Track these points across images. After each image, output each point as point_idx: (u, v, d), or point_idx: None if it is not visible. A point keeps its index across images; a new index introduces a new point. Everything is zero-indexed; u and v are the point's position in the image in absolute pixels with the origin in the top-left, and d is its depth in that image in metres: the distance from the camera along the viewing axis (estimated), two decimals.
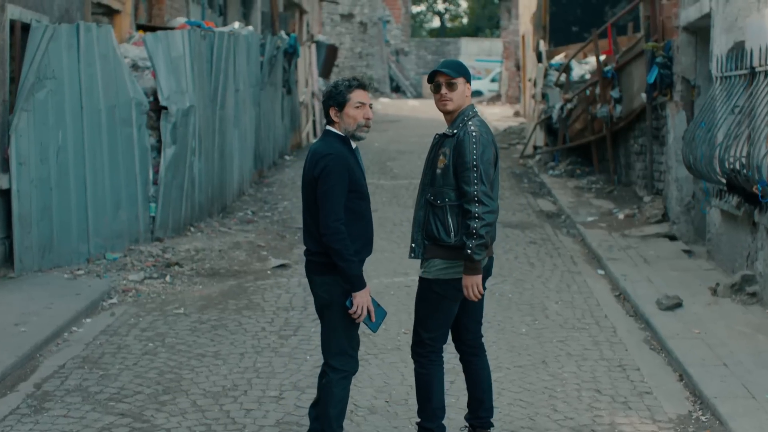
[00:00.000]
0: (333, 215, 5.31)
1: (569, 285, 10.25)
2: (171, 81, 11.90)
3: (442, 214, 5.50)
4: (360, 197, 5.46)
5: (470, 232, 5.34)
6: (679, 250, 11.65)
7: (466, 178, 5.38)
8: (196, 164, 12.75)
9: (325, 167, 5.38)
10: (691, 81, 12.31)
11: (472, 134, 5.43)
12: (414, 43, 56.27)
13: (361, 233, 5.47)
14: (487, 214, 5.36)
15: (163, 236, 11.85)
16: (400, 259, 11.23)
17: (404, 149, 22.54)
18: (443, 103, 5.56)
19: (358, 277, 5.37)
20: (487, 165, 5.42)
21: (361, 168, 5.57)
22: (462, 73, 5.57)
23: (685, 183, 12.44)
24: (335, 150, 5.42)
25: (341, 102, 5.48)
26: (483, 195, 5.37)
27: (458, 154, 5.41)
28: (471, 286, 5.45)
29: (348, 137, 5.51)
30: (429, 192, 5.58)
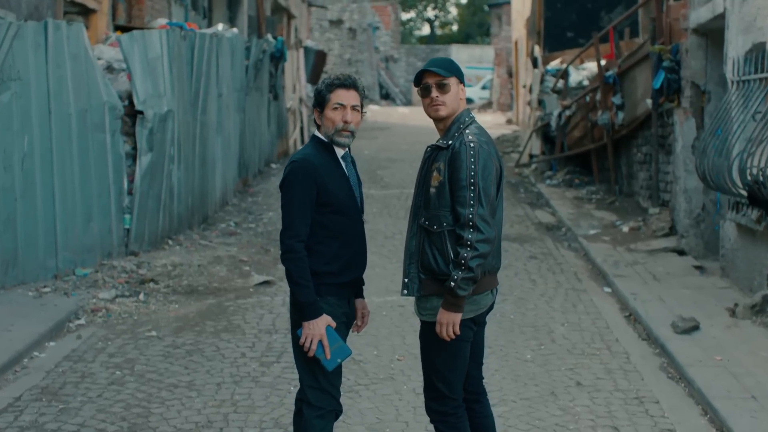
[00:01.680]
0: (289, 231, 4.64)
1: (575, 304, 9.51)
2: (147, 84, 11.13)
3: (440, 242, 4.60)
4: (337, 211, 4.73)
5: (458, 262, 4.46)
6: (689, 266, 10.93)
7: (460, 198, 4.51)
8: (175, 173, 11.98)
9: (285, 176, 4.73)
10: (701, 86, 11.61)
11: (469, 145, 4.54)
12: (404, 49, 55.67)
13: (339, 254, 4.74)
14: (481, 242, 4.46)
15: (139, 250, 11.07)
16: (392, 275, 10.48)
17: (395, 157, 21.79)
18: (434, 108, 4.69)
19: (308, 304, 4.64)
20: (487, 182, 4.54)
21: (346, 178, 4.82)
22: (454, 72, 4.72)
23: (695, 194, 11.73)
24: (303, 156, 4.76)
25: (321, 102, 4.81)
26: (479, 219, 4.47)
27: (453, 169, 4.55)
28: (446, 324, 4.53)
29: (330, 143, 4.81)
30: (422, 216, 4.67)
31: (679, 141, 12.07)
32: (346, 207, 4.76)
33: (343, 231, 4.75)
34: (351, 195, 4.80)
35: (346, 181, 4.80)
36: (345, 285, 4.80)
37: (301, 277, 4.62)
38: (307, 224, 4.66)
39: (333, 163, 4.78)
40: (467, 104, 4.87)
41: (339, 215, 4.73)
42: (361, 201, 4.92)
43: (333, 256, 4.72)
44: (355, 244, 4.82)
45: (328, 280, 4.72)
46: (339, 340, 4.70)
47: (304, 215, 4.64)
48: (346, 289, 4.82)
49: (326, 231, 4.71)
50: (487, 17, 58.16)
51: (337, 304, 4.77)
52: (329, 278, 4.72)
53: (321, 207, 4.69)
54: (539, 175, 19.05)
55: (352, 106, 4.76)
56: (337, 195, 4.72)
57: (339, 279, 4.75)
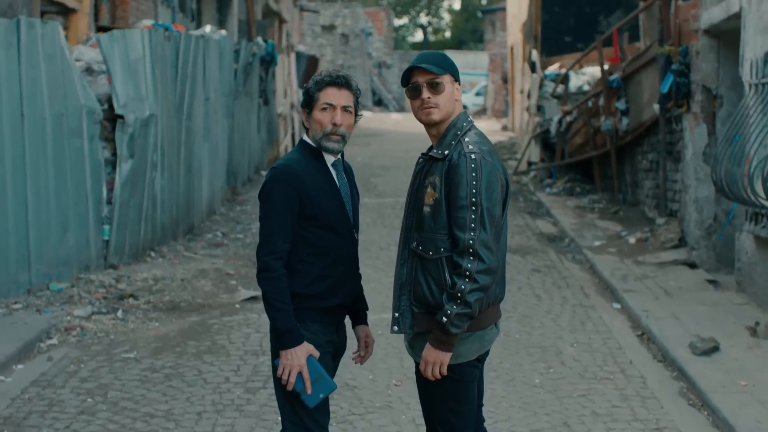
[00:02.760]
0: (266, 246, 4.08)
1: (583, 322, 8.89)
2: (128, 86, 10.49)
3: (435, 271, 3.94)
4: (323, 226, 4.14)
5: (454, 294, 3.81)
6: (702, 281, 10.32)
7: (459, 220, 3.85)
8: (158, 180, 11.34)
9: (264, 184, 4.17)
10: (713, 90, 11.01)
11: (469, 156, 3.89)
12: (397, 55, 55.12)
13: (324, 274, 4.15)
14: (482, 273, 3.81)
15: (119, 263, 10.42)
16: (387, 290, 9.83)
17: (389, 164, 21.18)
18: (426, 111, 4.03)
19: (286, 331, 4.04)
20: (491, 202, 3.87)
21: (335, 188, 4.22)
22: (448, 69, 4.06)
23: (706, 204, 11.13)
24: (285, 162, 4.19)
25: (309, 102, 4.22)
26: (481, 246, 3.82)
27: (451, 185, 3.89)
28: (433, 363, 3.90)
29: (320, 148, 4.22)
30: (415, 239, 4.01)
31: (689, 148, 11.47)
32: (334, 221, 4.18)
33: (331, 248, 4.17)
34: (341, 208, 4.21)
35: (336, 192, 4.21)
36: (331, 310, 4.21)
37: (278, 299, 4.04)
38: (288, 239, 4.09)
39: (321, 171, 4.20)
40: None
41: (326, 230, 4.16)
42: (354, 215, 4.31)
43: (317, 277, 4.15)
44: (345, 264, 4.23)
45: (310, 304, 4.14)
46: (322, 373, 4.08)
47: (285, 229, 4.08)
48: (332, 314, 4.22)
49: (311, 248, 4.14)
50: (481, 23, 57.65)
51: (321, 331, 4.18)
52: (312, 301, 4.14)
53: (305, 220, 4.12)
54: (538, 183, 18.44)
55: (343, 107, 4.17)
56: (325, 207, 4.14)
57: (324, 303, 4.16)
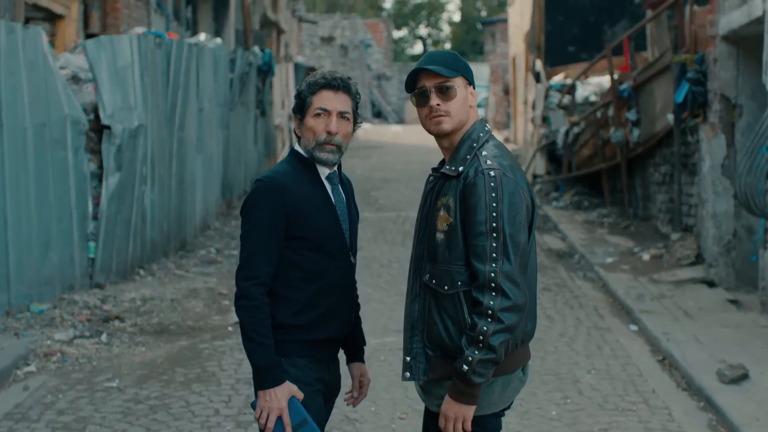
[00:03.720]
0: (245, 270, 3.55)
1: (600, 347, 8.31)
2: (116, 95, 9.93)
3: (452, 308, 3.38)
4: (314, 248, 3.60)
5: (475, 337, 3.24)
6: (723, 300, 9.75)
7: (478, 249, 3.29)
8: (148, 194, 10.78)
9: (246, 199, 3.64)
10: (732, 99, 10.46)
11: (488, 174, 3.32)
12: (396, 67, 54.65)
13: (314, 302, 3.61)
14: (507, 311, 3.24)
15: (105, 282, 9.85)
16: (390, 311, 9.28)
17: (389, 177, 20.60)
18: (435, 120, 3.45)
19: (264, 368, 3.50)
20: (515, 227, 3.30)
21: (330, 205, 3.67)
22: (460, 70, 3.49)
23: (725, 219, 10.56)
24: (272, 174, 3.65)
25: (301, 107, 3.69)
26: (505, 279, 3.25)
27: (468, 208, 3.33)
28: (455, 419, 3.33)
29: (312, 159, 3.69)
30: (427, 271, 3.45)
31: (706, 160, 10.92)
32: (327, 242, 3.63)
33: (322, 273, 3.62)
34: (335, 227, 3.66)
35: (330, 209, 3.66)
36: (321, 344, 3.65)
37: (257, 331, 3.49)
38: (272, 262, 3.55)
39: (313, 185, 3.65)
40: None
41: (317, 253, 3.61)
42: (352, 235, 3.75)
43: (306, 306, 3.60)
44: (338, 292, 3.67)
45: (296, 336, 3.59)
46: (305, 417, 3.51)
47: (268, 251, 3.54)
48: (322, 349, 3.66)
49: (299, 272, 3.60)
50: (480, 35, 57.20)
51: (309, 367, 3.62)
52: (299, 333, 3.59)
53: (293, 241, 3.58)
54: (544, 196, 17.87)
55: (340, 113, 3.62)
56: (316, 226, 3.60)
57: (312, 335, 3.61)
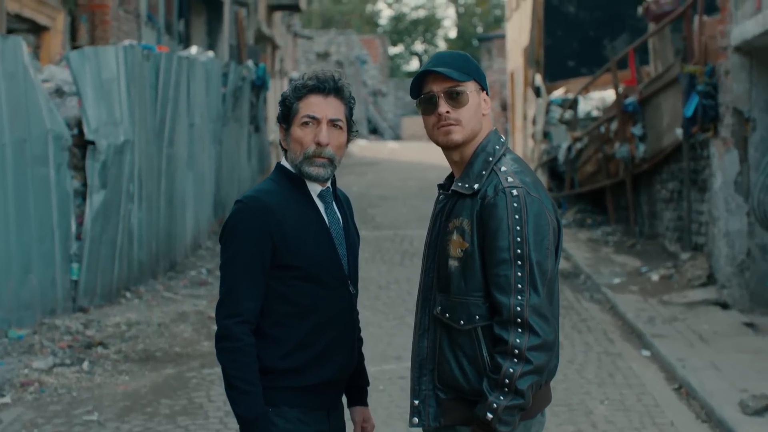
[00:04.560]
0: (227, 307, 3.08)
1: (612, 374, 7.83)
2: (101, 109, 9.47)
3: (469, 345, 2.97)
4: (306, 277, 3.12)
5: (499, 381, 2.85)
6: (738, 324, 9.28)
7: (500, 280, 2.89)
8: (135, 213, 10.30)
9: (225, 223, 3.18)
10: (745, 113, 10.03)
11: (510, 192, 2.92)
12: (392, 83, 54.28)
13: (307, 342, 3.13)
14: (535, 350, 2.85)
15: (88, 305, 9.36)
16: (389, 336, 8.80)
17: (387, 194, 20.14)
18: (444, 130, 3.03)
19: (250, 422, 3.04)
20: (541, 252, 2.91)
21: (323, 227, 3.20)
22: (472, 74, 3.06)
23: (738, 238, 10.11)
24: (255, 194, 3.17)
25: (287, 115, 3.21)
26: (533, 313, 2.86)
27: (487, 231, 2.92)
28: None
29: (301, 174, 3.22)
30: (439, 303, 3.03)
31: (717, 176, 10.47)
32: (321, 271, 3.15)
33: (316, 307, 3.14)
34: (331, 252, 3.19)
35: (324, 232, 3.19)
36: (317, 389, 3.17)
37: (241, 377, 3.03)
38: (257, 297, 3.08)
39: (303, 204, 3.19)
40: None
41: (310, 283, 3.14)
42: (351, 261, 3.28)
43: (298, 346, 3.13)
44: (336, 328, 3.19)
45: (288, 382, 3.13)
46: None
47: (252, 283, 3.07)
48: (319, 395, 3.19)
49: (289, 307, 3.12)
50: (477, 51, 56.90)
51: (302, 419, 3.15)
52: (290, 378, 3.12)
53: (281, 270, 3.11)
54: None
55: (331, 121, 3.16)
56: (308, 252, 3.13)
57: (306, 380, 3.14)
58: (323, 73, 3.19)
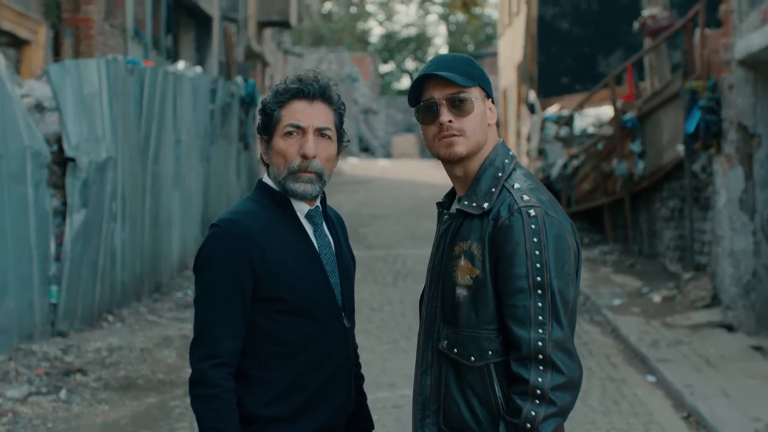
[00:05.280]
0: (202, 347, 2.69)
1: (617, 401, 7.46)
2: (82, 125, 9.10)
3: (480, 383, 2.63)
4: (293, 311, 2.74)
5: (520, 426, 2.53)
6: (746, 347, 8.93)
7: (518, 311, 2.57)
8: (118, 233, 9.92)
9: (199, 251, 2.80)
10: (750, 128, 9.71)
11: (527, 212, 2.60)
12: (383, 101, 54.03)
13: (297, 384, 2.75)
14: (560, 390, 2.53)
15: (68, 329, 8.95)
16: (382, 361, 8.41)
17: (379, 213, 19.76)
18: (447, 141, 2.70)
19: None
20: (563, 278, 2.59)
21: (312, 252, 2.81)
22: (476, 79, 2.72)
23: (743, 257, 9.76)
24: (232, 216, 2.80)
25: (267, 124, 2.84)
26: (556, 349, 2.54)
27: (501, 257, 2.59)
28: None
29: (285, 192, 2.84)
30: (444, 337, 2.70)
31: (721, 194, 10.13)
32: (311, 303, 2.76)
33: (306, 345, 2.76)
34: (321, 281, 2.80)
35: (313, 258, 2.81)
36: None
37: (217, 428, 2.64)
38: (236, 335, 2.70)
39: (288, 227, 2.82)
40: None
41: (298, 317, 2.75)
42: (346, 290, 2.89)
43: (286, 389, 2.74)
44: (330, 367, 2.81)
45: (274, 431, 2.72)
46: None
47: (230, 319, 2.69)
48: None
49: (274, 345, 2.74)
50: None
51: None
52: (277, 428, 2.74)
53: (264, 304, 2.73)
54: None
55: (318, 130, 2.79)
56: (294, 282, 2.74)
57: (296, 429, 2.75)
58: (308, 76, 2.82)
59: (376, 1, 65.60)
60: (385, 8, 66.38)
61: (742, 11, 9.58)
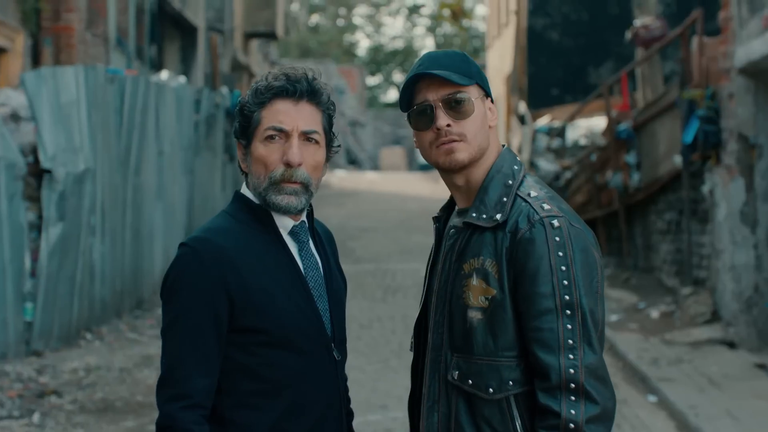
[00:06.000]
0: (171, 387, 2.33)
1: (619, 424, 7.11)
2: (59, 135, 8.75)
3: (499, 419, 2.32)
4: (275, 344, 2.38)
5: None
6: (749, 365, 8.62)
7: (544, 335, 2.27)
8: (97, 247, 9.55)
9: (167, 275, 2.41)
10: (750, 138, 9.42)
11: (550, 224, 2.30)
12: (371, 113, 53.81)
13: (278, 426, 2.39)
14: (595, 422, 2.23)
15: (44, 349, 8.57)
16: (372, 381, 8.06)
17: (367, 226, 19.41)
18: (446, 148, 2.40)
19: None
20: (592, 296, 2.29)
21: (296, 275, 2.44)
22: (474, 77, 2.42)
23: (745, 272, 9.46)
24: (203, 235, 2.40)
25: (245, 128, 2.47)
26: (589, 376, 2.23)
27: (523, 274, 2.29)
28: None
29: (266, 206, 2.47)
30: (454, 366, 2.37)
31: (721, 206, 9.83)
32: (296, 334, 2.40)
33: (291, 382, 2.40)
34: (308, 308, 2.44)
35: (298, 281, 2.44)
36: None
37: None
38: (210, 371, 2.34)
39: (269, 246, 2.45)
40: (432, 171, 2.50)
41: (282, 350, 2.39)
42: (335, 318, 2.52)
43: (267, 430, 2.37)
44: (318, 407, 2.45)
45: None
46: None
47: (203, 354, 2.34)
48: None
49: (254, 383, 2.38)
50: None
51: None
52: None
53: (242, 335, 2.37)
54: None
55: (304, 134, 2.44)
56: (276, 310, 2.38)
57: None
58: (294, 72, 2.46)
59: (363, 14, 65.45)
60: (372, 21, 66.23)
61: (743, 18, 9.30)
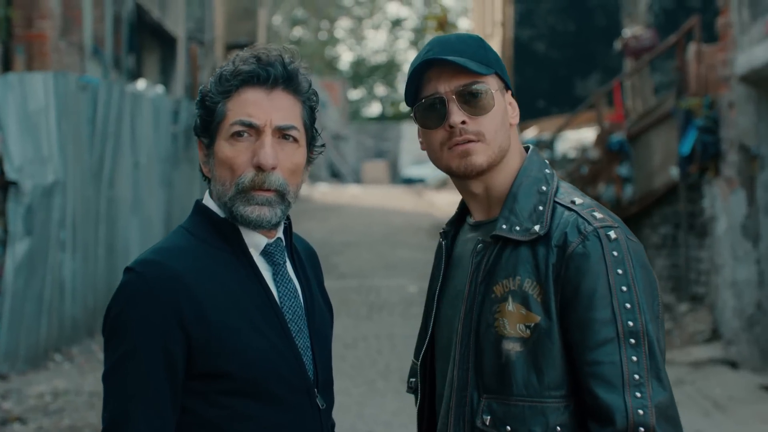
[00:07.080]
0: None
1: None
2: (26, 144, 8.27)
3: None
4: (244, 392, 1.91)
5: None
6: (754, 387, 8.23)
7: (603, 369, 1.89)
8: (68, 263, 9.07)
9: (108, 310, 1.92)
10: (752, 149, 9.05)
11: (606, 236, 1.92)
12: (354, 127, 53.47)
13: None
14: None
15: (9, 372, 8.07)
16: (359, 405, 7.59)
17: (351, 240, 18.94)
18: (461, 150, 2.02)
19: None
20: (656, 322, 1.92)
21: (270, 305, 1.97)
22: (493, 65, 2.03)
23: (746, 288, 9.09)
24: (154, 257, 1.92)
25: (208, 125, 1.99)
26: (660, 417, 1.86)
27: (573, 296, 1.91)
28: None
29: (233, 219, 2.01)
30: (486, 410, 1.95)
31: (721, 220, 9.46)
32: (269, 378, 1.94)
33: None
34: (284, 346, 1.97)
35: (271, 314, 1.98)
36: None
37: None
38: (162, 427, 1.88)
39: (236, 269, 1.98)
40: (420, 184, 2.10)
41: (251, 400, 1.93)
42: (319, 356, 2.04)
43: None
44: None
45: None
46: None
47: (154, 406, 1.88)
48: None
49: None
50: None
51: None
52: None
53: (203, 382, 1.91)
54: None
55: (279, 130, 1.97)
56: (244, 349, 1.92)
57: None
58: (267, 54, 1.99)
59: (345, 27, 65.17)
60: (355, 34, 65.96)
61: (744, 24, 8.94)
